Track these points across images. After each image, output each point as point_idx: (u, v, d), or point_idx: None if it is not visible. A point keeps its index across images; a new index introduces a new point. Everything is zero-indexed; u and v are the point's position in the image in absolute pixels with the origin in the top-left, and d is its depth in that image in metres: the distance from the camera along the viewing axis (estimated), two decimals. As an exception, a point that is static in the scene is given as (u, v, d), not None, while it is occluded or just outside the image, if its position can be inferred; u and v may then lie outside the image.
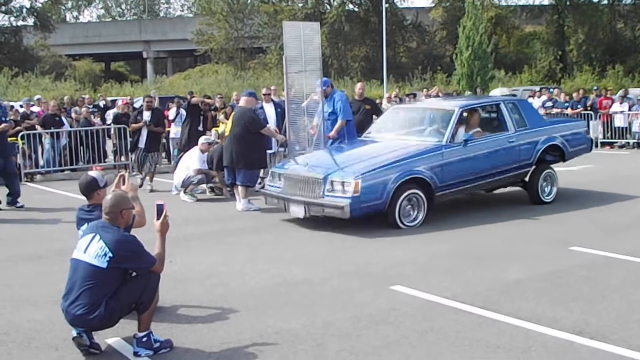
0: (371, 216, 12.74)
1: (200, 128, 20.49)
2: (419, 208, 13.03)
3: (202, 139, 17.88)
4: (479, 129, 14.38)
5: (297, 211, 13.13)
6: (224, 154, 15.45)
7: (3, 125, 16.18)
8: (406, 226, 12.80)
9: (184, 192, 16.97)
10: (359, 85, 20.21)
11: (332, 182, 12.71)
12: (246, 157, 15.04)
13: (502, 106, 15.08)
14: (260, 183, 16.84)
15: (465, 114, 14.51)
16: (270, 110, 17.92)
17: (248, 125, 15.03)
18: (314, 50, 16.00)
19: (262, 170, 16.73)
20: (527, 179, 15.19)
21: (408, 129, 15.14)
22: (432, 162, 13.26)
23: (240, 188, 15.25)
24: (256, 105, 16.66)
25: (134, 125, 19.26)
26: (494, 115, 15.40)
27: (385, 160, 13.13)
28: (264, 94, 18.80)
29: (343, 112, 16.22)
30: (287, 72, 15.89)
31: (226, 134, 15.68)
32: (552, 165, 15.52)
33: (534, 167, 14.99)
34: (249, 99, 15.61)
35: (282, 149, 17.80)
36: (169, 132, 24.36)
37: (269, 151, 17.19)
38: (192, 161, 16.96)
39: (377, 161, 13.11)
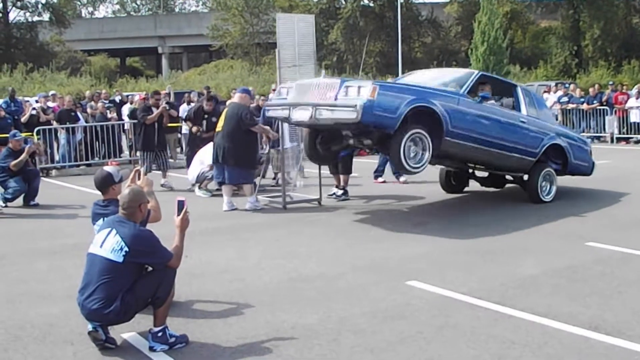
0: (381, 125, 12.21)
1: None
2: (423, 147, 12.59)
3: None
4: (493, 100, 14.42)
5: (302, 115, 12.60)
6: (215, 151, 14.97)
7: (27, 147, 16.22)
8: (412, 168, 12.53)
9: (199, 187, 16.98)
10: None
11: (347, 87, 12.12)
12: (238, 155, 14.61)
13: (519, 89, 15.14)
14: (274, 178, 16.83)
15: (484, 82, 14.42)
16: None
17: (240, 122, 14.63)
18: (308, 44, 15.67)
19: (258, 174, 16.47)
20: (526, 177, 15.02)
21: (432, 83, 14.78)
22: (447, 103, 12.95)
23: (244, 187, 15.01)
24: (250, 102, 16.32)
25: (149, 117, 18.59)
26: (510, 95, 15.25)
27: (405, 84, 13.21)
28: (274, 90, 18.77)
29: None
30: (280, 67, 15.37)
31: (218, 130, 15.16)
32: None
33: (535, 161, 14.76)
34: (243, 96, 15.32)
35: (273, 150, 17.51)
36: (181, 127, 24.46)
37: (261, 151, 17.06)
38: (206, 156, 16.76)
39: (397, 84, 13.14)
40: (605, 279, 9.21)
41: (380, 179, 18.55)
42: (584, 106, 30.07)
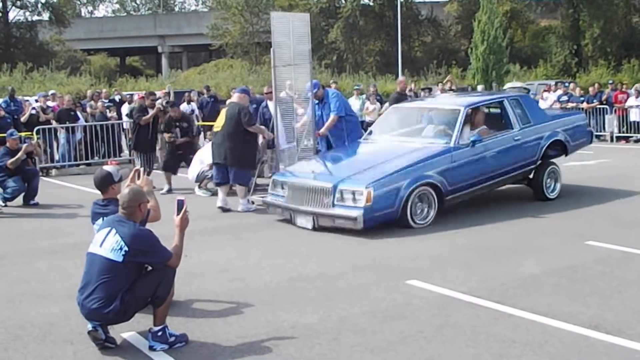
0: (384, 221, 12.35)
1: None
2: (429, 205, 12.75)
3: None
4: (484, 127, 14.11)
5: (305, 222, 12.69)
6: (215, 151, 14.86)
7: (24, 146, 16.21)
8: (418, 224, 12.51)
9: (199, 186, 16.96)
10: (401, 79, 20.19)
11: (341, 191, 12.25)
12: (240, 155, 14.48)
13: (506, 103, 14.86)
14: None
15: (470, 112, 14.19)
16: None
17: (241, 121, 14.44)
18: (304, 44, 15.45)
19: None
20: (531, 176, 15.00)
21: (412, 129, 14.86)
22: (441, 166, 12.96)
23: (238, 189, 14.83)
24: (249, 102, 15.97)
25: (144, 118, 18.31)
26: (498, 112, 15.11)
27: (395, 166, 12.76)
28: (266, 93, 18.62)
29: (336, 108, 15.89)
30: (275, 66, 15.25)
31: (216, 129, 14.99)
32: (557, 161, 15.41)
33: (539, 162, 14.80)
34: (242, 96, 15.09)
35: (269, 151, 17.31)
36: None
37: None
38: (206, 155, 16.69)
39: (386, 168, 12.74)
40: (605, 278, 9.21)
41: None
42: (584, 105, 30.03)
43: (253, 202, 14.86)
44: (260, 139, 16.01)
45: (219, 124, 14.82)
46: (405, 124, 15.20)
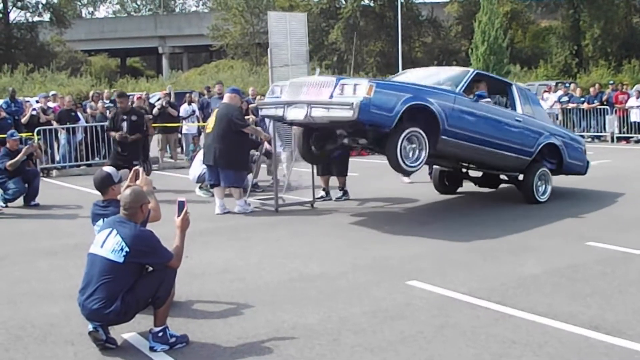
0: (377, 124, 12.05)
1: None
2: (420, 147, 12.40)
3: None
4: (489, 99, 14.18)
5: (297, 114, 12.34)
6: (206, 152, 14.73)
7: (25, 148, 16.20)
8: (408, 167, 12.37)
9: (199, 187, 16.95)
10: None
11: (343, 85, 11.90)
12: (230, 156, 14.29)
13: (514, 87, 14.99)
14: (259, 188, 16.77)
15: (479, 80, 14.28)
16: None
17: (232, 123, 14.28)
18: (301, 44, 15.29)
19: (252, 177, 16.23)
20: (521, 177, 14.90)
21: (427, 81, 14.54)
22: (443, 101, 12.77)
23: (233, 191, 14.65)
24: (240, 102, 15.92)
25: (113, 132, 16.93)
26: (505, 94, 15.14)
27: (400, 81, 12.93)
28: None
29: None
30: (272, 66, 15.02)
31: (207, 130, 14.89)
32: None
33: (531, 160, 14.62)
34: (233, 96, 14.94)
35: (263, 157, 17.20)
36: (181, 127, 24.51)
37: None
38: None
39: (391, 81, 12.86)
40: (605, 279, 9.21)
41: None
42: (585, 106, 30.08)
43: (250, 204, 14.79)
44: (267, 146, 15.98)
45: (209, 125, 14.73)
46: (421, 80, 14.99)
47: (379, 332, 7.37)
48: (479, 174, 16.18)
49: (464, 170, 15.73)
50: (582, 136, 29.43)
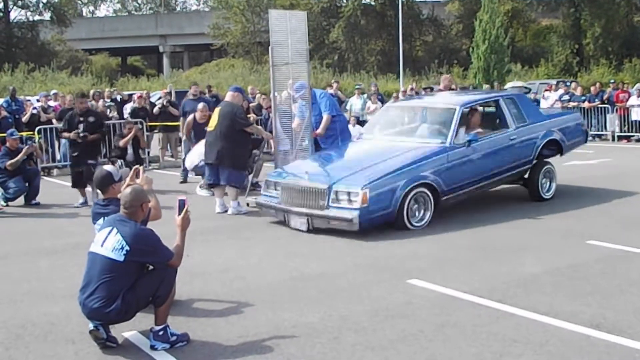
0: (381, 222, 12.21)
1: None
2: (425, 207, 12.60)
3: (199, 106, 17.62)
4: (480, 130, 14.02)
5: (300, 224, 12.45)
6: (208, 151, 14.62)
7: (25, 148, 16.17)
8: (414, 227, 12.35)
9: (200, 186, 16.91)
10: (445, 76, 20.02)
11: (336, 192, 12.08)
12: (233, 155, 14.24)
13: (501, 101, 14.77)
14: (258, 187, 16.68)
15: (467, 110, 14.09)
16: None
17: (235, 121, 14.23)
18: (301, 42, 15.13)
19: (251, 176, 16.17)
20: (526, 175, 14.89)
21: (406, 127, 14.77)
22: (437, 166, 12.79)
23: (229, 190, 14.55)
24: (242, 101, 15.92)
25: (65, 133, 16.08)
26: (493, 111, 15.02)
27: (390, 166, 12.56)
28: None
29: (328, 108, 15.44)
30: (273, 65, 15.02)
31: (209, 128, 14.75)
32: (557, 160, 15.35)
33: (534, 162, 14.71)
34: (235, 95, 14.91)
35: (265, 153, 17.02)
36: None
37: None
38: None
39: (381, 168, 12.54)
40: (606, 278, 9.21)
41: None
42: (585, 104, 30.04)
43: (248, 204, 14.72)
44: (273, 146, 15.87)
45: (212, 123, 14.63)
46: (399, 123, 15.10)
47: (379, 330, 7.37)
48: None
49: None
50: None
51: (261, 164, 17.28)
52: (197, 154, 16.55)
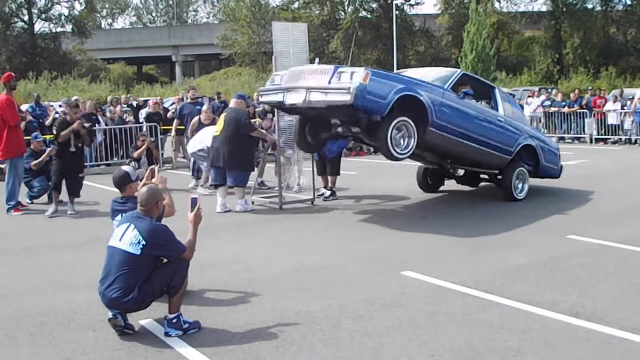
0: (371, 110, 11.83)
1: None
2: (409, 135, 12.23)
3: (204, 107, 17.51)
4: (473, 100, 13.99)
5: (295, 98, 12.16)
6: (214, 155, 14.46)
7: (48, 149, 16.09)
8: (399, 154, 12.16)
9: (201, 186, 16.83)
10: None
11: (341, 72, 11.69)
12: (239, 158, 14.14)
13: (497, 90, 14.89)
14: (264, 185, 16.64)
15: (465, 82, 14.04)
16: None
17: (240, 126, 14.15)
18: (302, 52, 15.08)
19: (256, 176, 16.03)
20: (500, 176, 14.81)
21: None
22: (433, 95, 12.66)
23: (236, 190, 14.41)
24: (246, 107, 15.81)
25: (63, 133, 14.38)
26: (489, 96, 14.95)
27: (393, 73, 12.76)
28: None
29: None
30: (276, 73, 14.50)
31: (215, 133, 14.60)
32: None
33: (510, 159, 14.53)
34: (239, 101, 14.84)
35: (269, 155, 16.94)
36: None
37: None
38: (207, 137, 16.03)
39: (386, 72, 12.64)
40: (585, 269, 9.22)
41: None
42: (565, 109, 30.15)
43: (253, 202, 14.64)
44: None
45: (218, 128, 14.53)
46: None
47: (376, 318, 7.38)
48: (460, 172, 16.09)
49: (447, 167, 15.58)
50: (563, 138, 29.64)
51: (265, 164, 17.18)
52: (198, 141, 16.44)
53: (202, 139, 16.20)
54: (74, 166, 14.58)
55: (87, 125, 14.84)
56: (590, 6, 65.79)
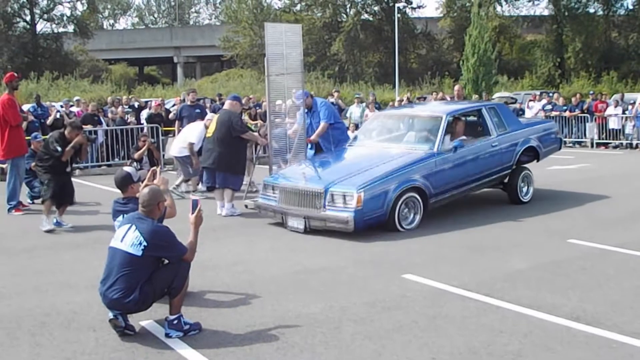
0: (374, 223, 12.05)
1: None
2: (415, 210, 12.48)
3: (208, 115, 17.25)
4: (464, 137, 13.83)
5: (297, 225, 12.26)
6: (206, 156, 14.41)
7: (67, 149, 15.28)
8: (404, 229, 12.22)
9: (192, 192, 16.68)
10: (457, 87, 19.95)
11: (332, 194, 11.90)
12: (230, 161, 14.09)
13: (484, 110, 14.72)
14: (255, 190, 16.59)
15: (453, 120, 14.07)
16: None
17: (231, 129, 14.05)
18: (296, 53, 14.93)
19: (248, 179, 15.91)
20: (506, 180, 14.81)
21: (397, 134, 14.63)
22: (426, 171, 12.72)
23: (226, 192, 14.27)
24: (240, 109, 15.72)
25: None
26: (476, 120, 14.96)
27: (383, 171, 12.42)
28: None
29: (326, 116, 15.11)
30: (268, 75, 14.65)
31: (208, 135, 14.57)
32: (540, 165, 15.27)
33: (514, 167, 14.67)
34: (233, 103, 14.69)
35: (262, 156, 16.82)
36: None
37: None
38: (190, 135, 16.21)
39: (375, 172, 12.38)
40: (585, 273, 9.23)
41: None
42: (567, 114, 30.12)
43: (246, 206, 14.60)
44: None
45: (210, 130, 14.48)
46: (390, 130, 15.00)
47: (376, 321, 7.38)
48: None
49: None
50: (564, 142, 29.61)
51: (255, 164, 16.95)
52: (181, 141, 16.51)
53: (184, 139, 16.16)
54: (68, 189, 13.56)
55: (91, 137, 14.62)
56: (592, 10, 65.96)
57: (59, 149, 12.99)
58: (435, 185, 12.82)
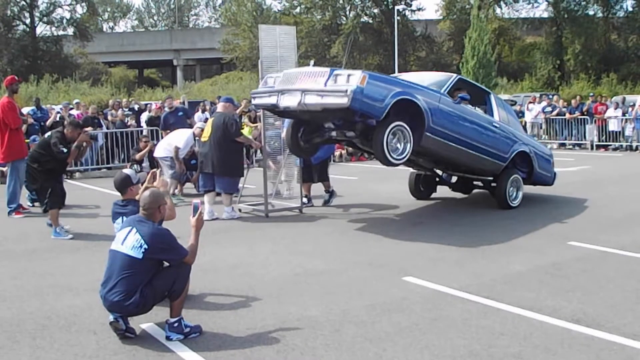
0: (368, 113, 11.59)
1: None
2: (405, 140, 12.08)
3: (198, 124, 17.17)
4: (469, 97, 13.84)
5: (290, 100, 11.88)
6: (203, 161, 14.27)
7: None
8: (395, 159, 11.99)
9: (181, 195, 16.67)
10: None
11: (337, 75, 11.41)
12: (227, 164, 14.00)
13: (492, 96, 14.85)
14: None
15: (461, 87, 13.99)
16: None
17: (226, 131, 13.97)
18: (290, 56, 14.88)
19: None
20: (494, 184, 14.75)
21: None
22: (429, 100, 12.52)
23: (223, 197, 14.29)
24: (234, 111, 15.58)
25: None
26: (483, 102, 14.92)
27: (391, 76, 12.58)
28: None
29: None
30: (262, 78, 14.23)
31: (203, 139, 14.48)
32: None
33: (504, 166, 14.46)
34: (227, 105, 14.62)
35: (255, 164, 16.69)
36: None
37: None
38: (177, 140, 16.13)
39: (383, 75, 12.43)
40: (585, 276, 9.23)
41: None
42: (567, 116, 30.21)
43: (240, 210, 14.55)
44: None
45: (205, 134, 14.41)
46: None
47: (377, 323, 7.38)
48: (453, 179, 16.07)
49: (440, 173, 15.55)
50: (564, 144, 29.66)
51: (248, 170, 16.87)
52: (165, 144, 16.42)
53: (170, 143, 16.11)
54: (63, 191, 13.26)
55: (93, 135, 14.48)
56: (591, 12, 65.86)
57: (65, 150, 12.74)
58: (434, 120, 12.56)
